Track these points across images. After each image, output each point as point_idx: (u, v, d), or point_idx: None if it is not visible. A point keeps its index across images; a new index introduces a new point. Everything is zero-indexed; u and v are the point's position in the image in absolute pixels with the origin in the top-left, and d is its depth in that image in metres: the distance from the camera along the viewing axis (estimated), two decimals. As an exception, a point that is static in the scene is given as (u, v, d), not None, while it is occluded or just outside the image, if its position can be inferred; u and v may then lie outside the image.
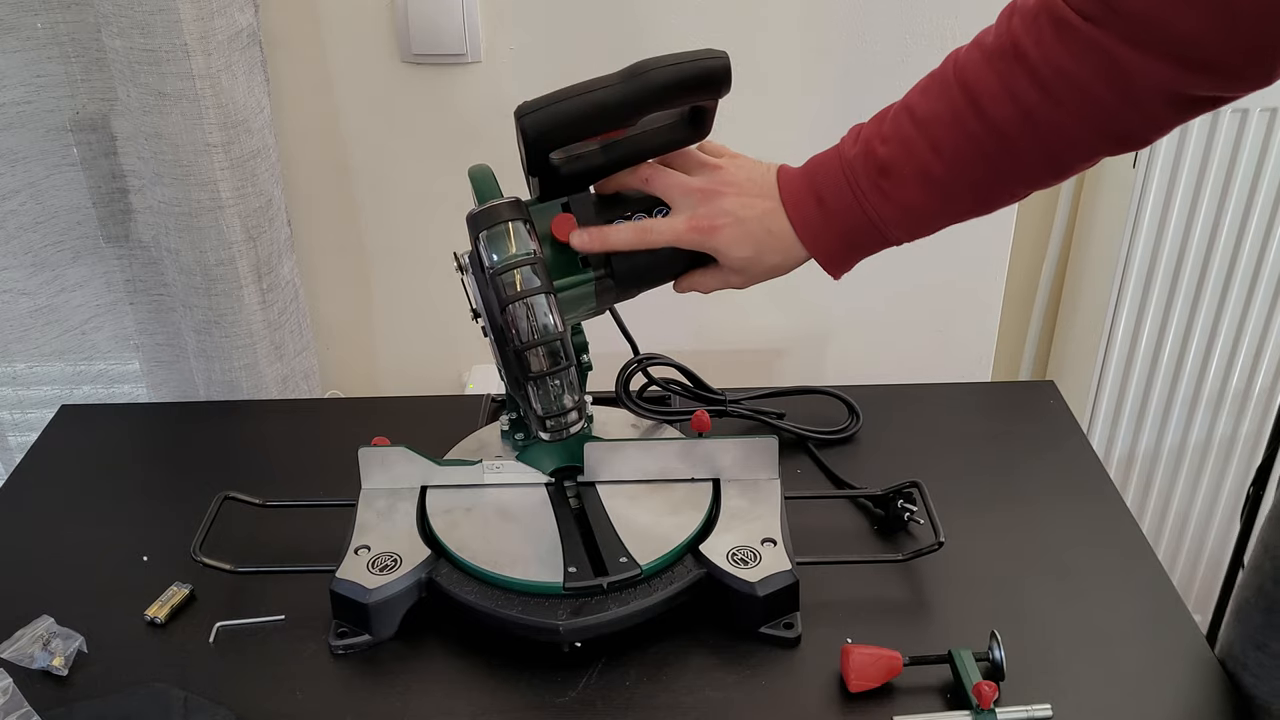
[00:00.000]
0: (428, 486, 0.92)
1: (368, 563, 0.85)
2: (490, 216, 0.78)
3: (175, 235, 1.28)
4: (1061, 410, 1.11)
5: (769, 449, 0.91)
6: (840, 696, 0.80)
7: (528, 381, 0.79)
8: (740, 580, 0.82)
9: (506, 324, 0.77)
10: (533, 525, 0.88)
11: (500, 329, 0.79)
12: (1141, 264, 1.52)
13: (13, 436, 1.53)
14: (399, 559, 0.85)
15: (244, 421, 1.16)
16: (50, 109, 1.33)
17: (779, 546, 0.85)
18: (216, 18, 1.18)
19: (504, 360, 0.82)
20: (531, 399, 0.80)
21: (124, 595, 0.89)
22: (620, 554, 0.83)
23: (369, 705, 0.80)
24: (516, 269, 0.76)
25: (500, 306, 0.77)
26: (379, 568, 0.84)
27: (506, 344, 0.79)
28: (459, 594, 0.83)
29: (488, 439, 0.98)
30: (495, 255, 0.77)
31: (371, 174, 1.41)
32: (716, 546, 0.85)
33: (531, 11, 1.31)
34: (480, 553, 0.85)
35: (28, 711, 0.77)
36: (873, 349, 1.54)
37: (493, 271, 0.77)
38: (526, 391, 0.80)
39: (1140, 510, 1.72)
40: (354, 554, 0.85)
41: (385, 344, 1.53)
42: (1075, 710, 0.78)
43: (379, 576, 0.83)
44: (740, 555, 0.84)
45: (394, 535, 0.87)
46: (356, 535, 0.87)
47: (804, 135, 1.40)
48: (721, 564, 0.83)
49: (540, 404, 0.80)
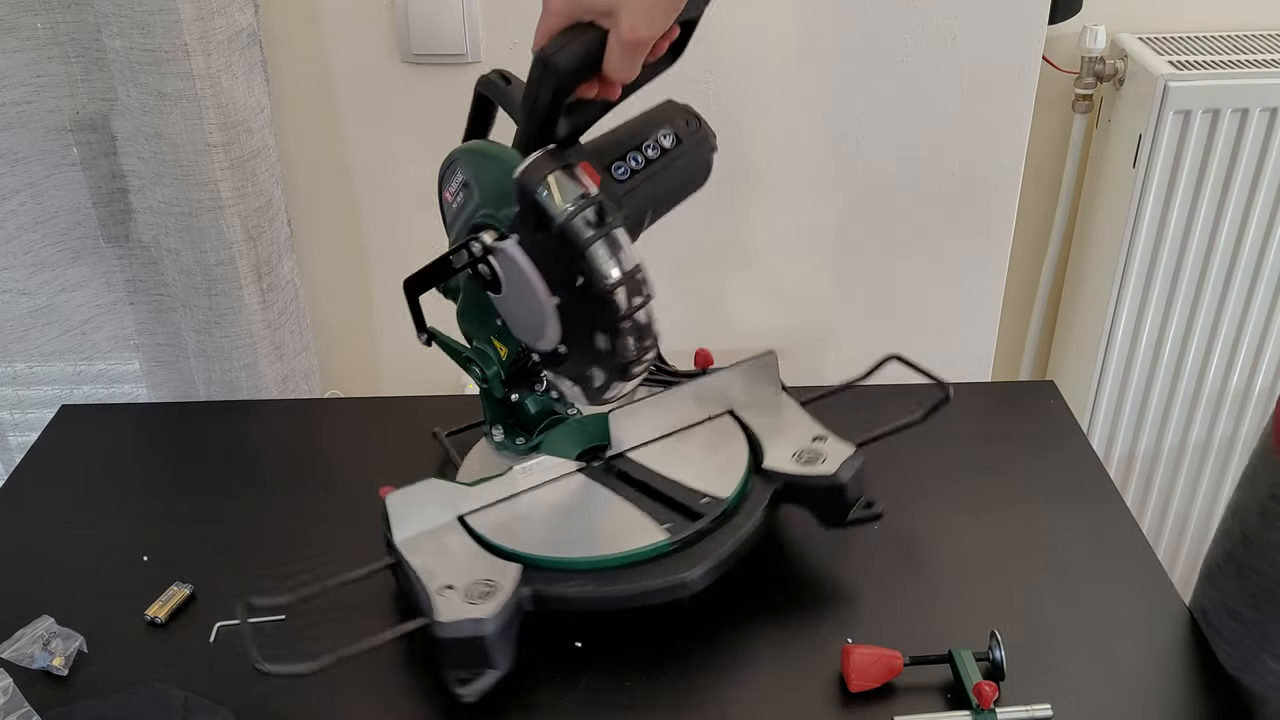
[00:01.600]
0: (463, 515, 0.85)
1: (463, 598, 0.77)
2: (542, 166, 0.73)
3: (175, 235, 1.28)
4: (1061, 410, 1.11)
5: (770, 366, 0.92)
6: (840, 696, 0.80)
7: (616, 325, 0.74)
8: (819, 477, 0.85)
9: (589, 268, 0.72)
10: (596, 506, 0.86)
11: (572, 282, 0.74)
12: (1141, 264, 1.52)
13: (13, 436, 1.53)
14: (493, 583, 0.78)
15: (244, 421, 1.16)
16: (50, 109, 1.33)
17: (831, 438, 0.88)
18: (216, 18, 1.18)
19: (573, 323, 0.76)
20: (619, 346, 0.75)
21: (124, 595, 0.89)
22: (697, 497, 0.84)
23: (368, 705, 0.80)
24: (589, 207, 0.73)
25: (580, 250, 0.72)
26: (478, 596, 0.77)
27: (588, 292, 0.73)
28: (570, 591, 0.79)
29: (484, 462, 0.93)
30: (562, 201, 0.72)
31: (371, 174, 1.41)
32: (778, 459, 0.87)
33: (532, 12, 1.30)
34: (569, 545, 0.81)
35: (28, 711, 0.77)
36: (873, 349, 1.54)
37: (564, 219, 0.72)
38: (613, 340, 0.75)
39: (1140, 510, 1.72)
40: (441, 595, 0.77)
41: (385, 344, 1.53)
42: (1075, 710, 0.78)
43: (484, 605, 0.76)
44: (805, 457, 0.86)
45: (467, 566, 0.80)
46: (428, 579, 0.79)
47: (805, 135, 1.40)
48: (793, 470, 0.85)
49: (625, 349, 0.75)
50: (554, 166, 0.75)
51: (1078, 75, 1.52)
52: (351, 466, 0.97)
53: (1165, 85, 1.40)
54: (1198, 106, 1.41)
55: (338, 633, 0.80)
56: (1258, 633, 0.82)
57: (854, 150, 1.41)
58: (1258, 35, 1.52)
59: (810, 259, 1.49)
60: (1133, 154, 1.47)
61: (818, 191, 1.44)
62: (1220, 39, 1.51)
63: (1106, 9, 1.52)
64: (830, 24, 1.32)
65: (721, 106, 1.35)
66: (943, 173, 1.43)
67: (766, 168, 1.41)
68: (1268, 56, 1.45)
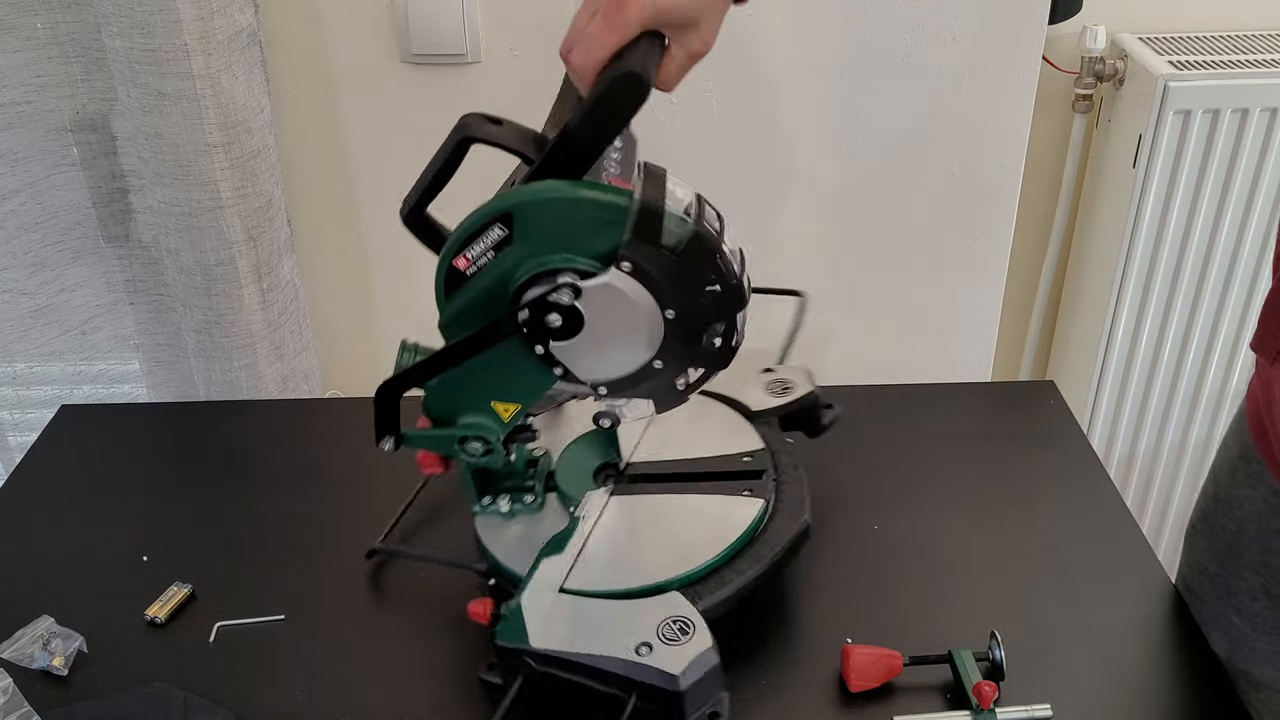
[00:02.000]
0: (564, 587, 0.80)
1: (668, 644, 0.74)
2: (656, 183, 0.72)
3: (175, 235, 1.28)
4: (1061, 410, 1.11)
5: None
6: (840, 696, 0.80)
7: (739, 314, 0.75)
8: (804, 398, 0.97)
9: (724, 266, 0.72)
10: (669, 512, 0.86)
11: (693, 289, 0.73)
12: (1141, 264, 1.52)
13: (13, 436, 1.53)
14: (677, 618, 0.76)
15: (244, 421, 1.16)
16: (50, 109, 1.33)
17: (776, 367, 1.00)
18: (216, 18, 1.18)
19: (680, 331, 0.75)
20: (736, 335, 0.76)
21: (124, 595, 0.89)
22: (738, 460, 0.89)
23: (370, 704, 0.80)
24: (704, 209, 0.73)
25: (713, 251, 0.72)
26: (679, 634, 0.75)
27: (720, 289, 0.73)
28: (731, 588, 0.80)
29: (508, 535, 0.87)
30: (682, 211, 0.72)
31: (371, 174, 1.41)
32: (758, 401, 0.95)
33: (531, 12, 1.31)
34: (693, 554, 0.81)
35: (28, 711, 0.77)
36: (873, 349, 1.55)
37: (694, 226, 0.71)
38: (729, 330, 0.75)
39: (1140, 510, 1.72)
40: (644, 655, 0.74)
41: (385, 344, 1.53)
42: (1075, 710, 0.78)
43: (698, 636, 0.74)
44: (777, 389, 0.98)
45: (629, 621, 0.76)
46: (617, 651, 0.74)
47: (805, 135, 1.40)
48: (780, 402, 0.96)
49: (740, 335, 0.76)
50: (663, 180, 0.73)
51: (1078, 75, 1.52)
52: (351, 466, 0.97)
53: (1165, 85, 1.40)
54: (1198, 106, 1.41)
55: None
56: (1223, 587, 0.84)
57: (854, 150, 1.41)
58: (1258, 35, 1.52)
59: (810, 259, 1.49)
60: (1133, 154, 1.47)
61: (818, 191, 1.44)
62: (1220, 39, 1.51)
63: (1106, 9, 1.52)
64: (830, 24, 1.32)
65: (723, 106, 1.35)
66: (943, 173, 1.43)
67: (767, 168, 1.41)
68: (1268, 56, 1.45)
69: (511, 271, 0.74)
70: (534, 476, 0.89)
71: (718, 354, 0.77)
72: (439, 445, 0.82)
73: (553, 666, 0.75)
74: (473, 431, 0.81)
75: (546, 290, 0.73)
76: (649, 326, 0.74)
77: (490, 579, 0.86)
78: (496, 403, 0.81)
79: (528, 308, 0.73)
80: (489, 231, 0.73)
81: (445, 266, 0.75)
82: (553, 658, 0.75)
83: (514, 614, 0.76)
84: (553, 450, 0.92)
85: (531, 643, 0.75)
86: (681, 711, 0.73)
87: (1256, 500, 0.80)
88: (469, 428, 0.81)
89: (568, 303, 0.73)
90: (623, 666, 0.73)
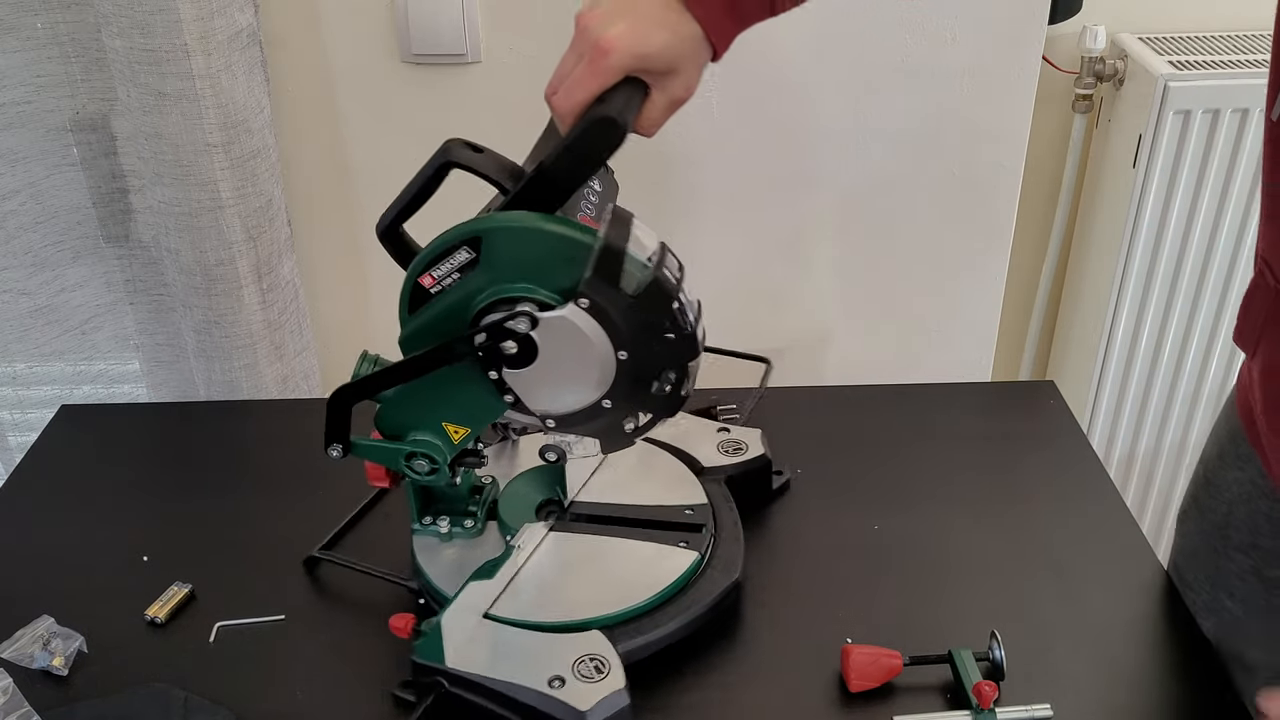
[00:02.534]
0: (488, 612, 0.81)
1: (581, 681, 0.75)
2: (623, 225, 0.73)
3: (175, 235, 1.28)
4: (1061, 410, 1.11)
5: None
6: (840, 696, 0.80)
7: (689, 364, 0.76)
8: (754, 459, 0.96)
9: (680, 314, 0.74)
10: (606, 553, 0.87)
11: (649, 332, 0.75)
12: (1141, 264, 1.52)
13: (13, 436, 1.53)
14: (594, 655, 0.76)
15: (244, 421, 1.16)
16: (50, 109, 1.33)
17: (731, 428, 1.00)
18: (216, 18, 1.18)
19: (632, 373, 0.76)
20: (687, 383, 0.77)
21: (124, 595, 0.89)
22: (680, 511, 0.89)
23: (368, 704, 0.80)
24: (666, 256, 0.74)
25: (670, 298, 0.73)
26: (593, 672, 0.76)
27: (676, 336, 0.74)
28: (655, 635, 0.81)
29: (442, 556, 0.88)
30: (645, 256, 0.73)
31: (371, 174, 1.41)
32: (709, 458, 0.95)
33: (531, 12, 1.31)
34: (621, 596, 0.82)
35: (28, 711, 0.77)
36: (873, 349, 1.55)
37: (654, 271, 0.73)
38: (680, 378, 0.76)
39: (1140, 510, 1.72)
40: (556, 689, 0.74)
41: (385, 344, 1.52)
42: (1075, 710, 0.78)
43: (612, 676, 0.75)
44: (728, 448, 0.97)
45: (547, 654, 0.77)
46: (528, 681, 0.75)
47: (805, 135, 1.40)
48: (730, 462, 0.96)
49: (689, 383, 0.78)
50: (628, 224, 0.74)
51: (1078, 75, 1.52)
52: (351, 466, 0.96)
53: (1165, 85, 1.40)
54: (1198, 106, 1.41)
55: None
56: (1213, 569, 0.85)
57: (854, 150, 1.41)
58: (1258, 35, 1.52)
59: (810, 259, 1.49)
60: (1133, 154, 1.47)
61: (818, 191, 1.44)
62: (1220, 39, 1.51)
63: (1106, 9, 1.52)
64: (831, 24, 1.32)
65: (723, 106, 1.35)
66: (943, 173, 1.43)
67: (767, 168, 1.41)
68: (1268, 57, 1.44)
69: (474, 295, 0.75)
70: (477, 503, 0.90)
71: (667, 400, 0.78)
72: (386, 458, 0.83)
73: (465, 689, 0.77)
74: (421, 448, 0.82)
75: (504, 317, 0.74)
76: (601, 365, 0.76)
77: (420, 597, 0.87)
78: (447, 424, 0.82)
79: (485, 332, 0.75)
80: (456, 253, 0.74)
81: (411, 283, 0.77)
82: (466, 680, 0.76)
83: (434, 632, 0.78)
84: (500, 480, 0.94)
85: (447, 663, 0.77)
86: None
87: (1244, 482, 0.81)
88: (418, 444, 0.82)
89: (524, 331, 0.74)
90: (533, 697, 0.74)
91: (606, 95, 0.72)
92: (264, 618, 0.88)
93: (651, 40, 0.72)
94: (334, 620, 0.88)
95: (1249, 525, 0.81)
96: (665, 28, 0.72)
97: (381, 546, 0.94)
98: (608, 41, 0.71)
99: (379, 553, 0.93)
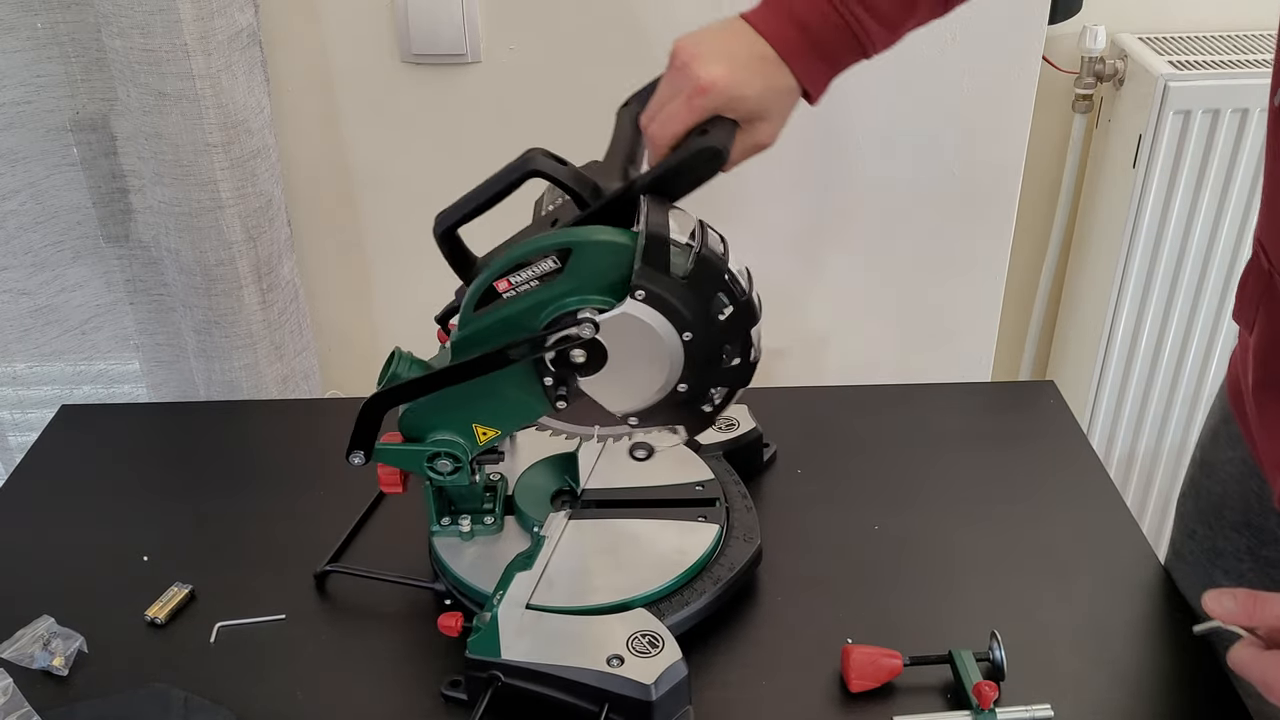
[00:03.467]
0: (530, 604, 0.82)
1: (639, 657, 0.76)
2: (660, 212, 0.75)
3: (175, 235, 1.29)
4: (1061, 410, 1.11)
5: None
6: (840, 696, 0.80)
7: (752, 328, 0.78)
8: (747, 433, 1.00)
9: (732, 283, 0.76)
10: (631, 535, 0.89)
11: (704, 310, 0.77)
12: (1141, 264, 1.52)
13: (13, 436, 1.53)
14: (645, 632, 0.78)
15: (244, 421, 1.16)
16: (50, 109, 1.33)
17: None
18: (216, 18, 1.18)
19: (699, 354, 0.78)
20: (754, 349, 0.79)
21: (124, 595, 0.89)
22: (692, 488, 0.92)
23: (369, 704, 0.80)
24: (707, 231, 0.76)
25: (721, 270, 0.76)
26: (649, 647, 0.77)
27: (732, 306, 0.77)
28: (692, 608, 0.83)
29: (465, 552, 0.89)
30: (686, 236, 0.75)
31: (371, 174, 1.41)
32: (705, 436, 0.92)
33: (531, 11, 1.31)
34: (655, 573, 0.84)
35: (28, 711, 0.77)
36: (873, 349, 1.55)
37: (699, 249, 0.74)
38: (745, 346, 0.79)
39: (1140, 510, 1.72)
40: (615, 667, 0.75)
41: (385, 344, 1.53)
42: (1075, 710, 0.78)
43: (668, 649, 0.77)
44: (721, 426, 0.98)
45: (599, 636, 0.78)
46: (588, 663, 0.76)
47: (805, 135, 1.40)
48: (726, 438, 0.98)
49: (757, 349, 0.80)
50: (665, 210, 0.76)
51: (1078, 75, 1.52)
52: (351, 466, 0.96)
53: (1165, 85, 1.40)
54: (1198, 106, 1.41)
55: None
56: (1209, 548, 0.86)
57: (854, 150, 1.41)
58: (1258, 35, 1.52)
59: (810, 259, 1.49)
60: (1133, 154, 1.47)
61: (818, 192, 1.44)
62: (1220, 39, 1.51)
63: (1106, 9, 1.52)
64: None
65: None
66: (943, 173, 1.43)
67: (767, 168, 1.41)
68: (1268, 56, 1.45)
69: (547, 303, 0.76)
70: (493, 499, 0.91)
71: (738, 371, 0.80)
72: (409, 461, 0.83)
73: (522, 679, 0.77)
74: (444, 448, 0.82)
75: (579, 322, 0.76)
76: (669, 352, 0.78)
77: (447, 598, 0.87)
78: (478, 425, 0.82)
79: (554, 344, 0.76)
80: (542, 262, 0.75)
81: (485, 285, 0.77)
82: (523, 670, 0.77)
83: (489, 626, 0.78)
84: (507, 475, 0.94)
85: (503, 655, 0.77)
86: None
87: (1237, 462, 0.83)
88: (441, 444, 0.82)
89: (589, 336, 0.76)
90: (595, 677, 0.75)
91: (708, 127, 0.78)
92: (264, 618, 0.88)
93: (748, 86, 0.78)
94: (335, 620, 0.88)
95: (1242, 504, 0.82)
96: (762, 77, 0.78)
97: (388, 552, 0.94)
98: (707, 82, 0.77)
99: (386, 558, 0.92)
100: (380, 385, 0.81)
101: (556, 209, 0.81)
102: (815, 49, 0.80)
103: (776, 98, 0.80)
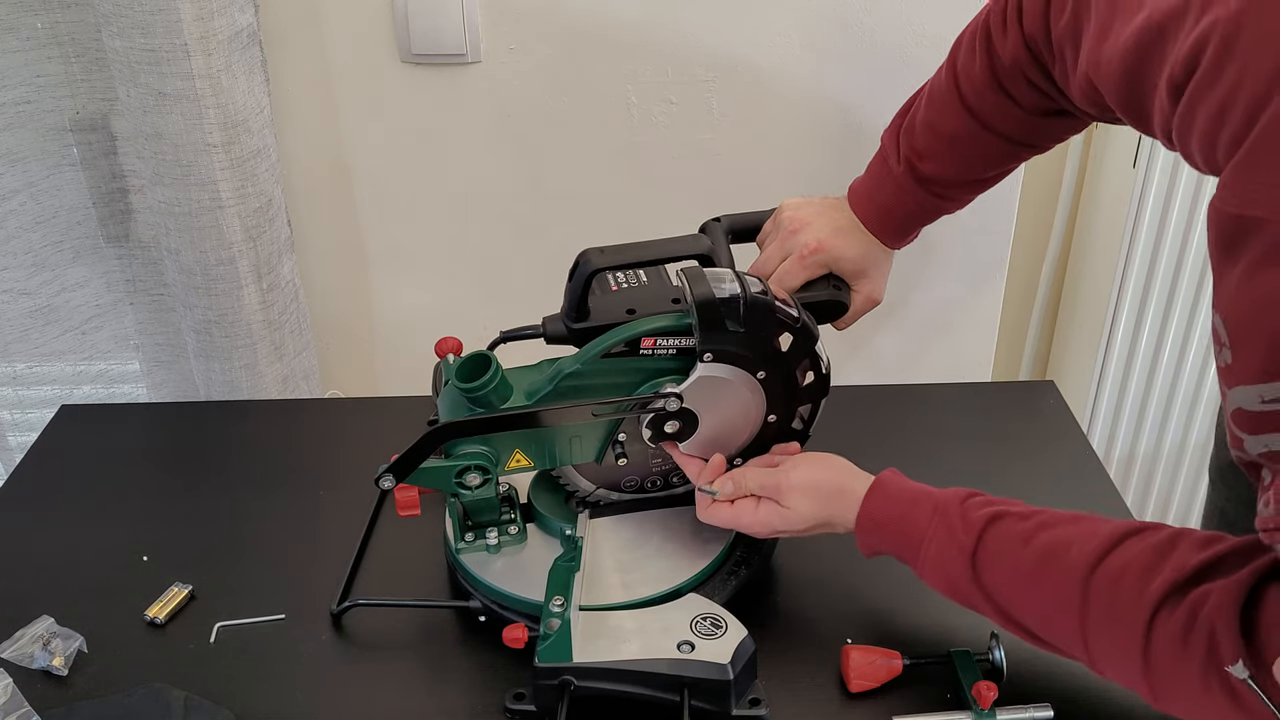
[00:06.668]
0: (584, 605, 0.82)
1: (707, 640, 0.78)
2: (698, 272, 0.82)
3: (175, 235, 1.29)
4: (1061, 410, 1.11)
5: None
6: (840, 696, 0.80)
7: (815, 343, 0.85)
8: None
9: (783, 314, 0.82)
10: (655, 527, 0.91)
11: (765, 348, 0.83)
12: (1141, 264, 1.52)
13: (13, 436, 1.53)
14: (707, 614, 0.80)
15: (244, 421, 1.16)
16: (50, 109, 1.33)
17: None
18: (216, 18, 1.18)
19: (775, 384, 0.85)
20: (822, 360, 0.86)
21: (124, 595, 0.89)
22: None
23: (370, 704, 0.80)
24: (741, 276, 0.83)
25: (769, 307, 0.82)
26: (713, 628, 0.79)
27: (793, 332, 0.84)
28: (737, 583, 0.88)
29: (494, 563, 0.89)
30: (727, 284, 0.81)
31: (371, 174, 1.41)
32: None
33: (531, 11, 1.31)
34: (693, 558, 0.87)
35: (28, 711, 0.77)
36: (873, 349, 1.55)
37: (743, 293, 0.80)
38: (815, 360, 0.86)
39: (1140, 510, 1.72)
40: (687, 651, 0.77)
41: (385, 344, 1.53)
42: (1075, 710, 0.78)
43: (734, 628, 0.79)
44: None
45: (663, 623, 0.80)
46: (656, 652, 0.78)
47: (805, 135, 1.40)
48: None
49: (825, 361, 0.87)
50: (704, 275, 0.81)
51: (1078, 75, 1.52)
52: (351, 466, 0.97)
53: (1165, 85, 1.40)
54: (1198, 106, 1.41)
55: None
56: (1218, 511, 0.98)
57: (854, 150, 1.41)
58: (1258, 35, 1.52)
59: (810, 259, 1.49)
60: (1133, 154, 1.47)
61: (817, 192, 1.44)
62: (1220, 39, 1.51)
63: (1106, 9, 1.52)
64: (831, 24, 1.32)
65: (723, 107, 1.35)
66: (943, 173, 1.42)
67: (767, 168, 1.41)
68: (1268, 56, 1.44)
69: (665, 372, 0.83)
70: (510, 509, 0.91)
71: (816, 386, 0.88)
72: (437, 479, 0.83)
73: (595, 679, 0.77)
74: (474, 460, 0.82)
75: (665, 395, 0.82)
76: (751, 394, 0.85)
77: (481, 614, 0.86)
78: (520, 452, 0.84)
79: (650, 416, 0.83)
80: (688, 336, 0.82)
81: (636, 334, 0.81)
82: (598, 670, 0.77)
83: (560, 633, 0.77)
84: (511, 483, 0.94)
85: (575, 658, 0.77)
86: (729, 700, 0.76)
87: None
88: (471, 457, 0.82)
89: (675, 409, 0.83)
90: (671, 665, 0.76)
91: (827, 283, 0.96)
92: (264, 617, 0.88)
93: (849, 249, 0.95)
94: (335, 620, 0.88)
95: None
96: (859, 243, 0.96)
97: (398, 578, 0.92)
98: (817, 243, 0.94)
99: (397, 584, 0.91)
100: (458, 384, 0.81)
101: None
102: (900, 230, 0.98)
103: (872, 257, 0.97)
